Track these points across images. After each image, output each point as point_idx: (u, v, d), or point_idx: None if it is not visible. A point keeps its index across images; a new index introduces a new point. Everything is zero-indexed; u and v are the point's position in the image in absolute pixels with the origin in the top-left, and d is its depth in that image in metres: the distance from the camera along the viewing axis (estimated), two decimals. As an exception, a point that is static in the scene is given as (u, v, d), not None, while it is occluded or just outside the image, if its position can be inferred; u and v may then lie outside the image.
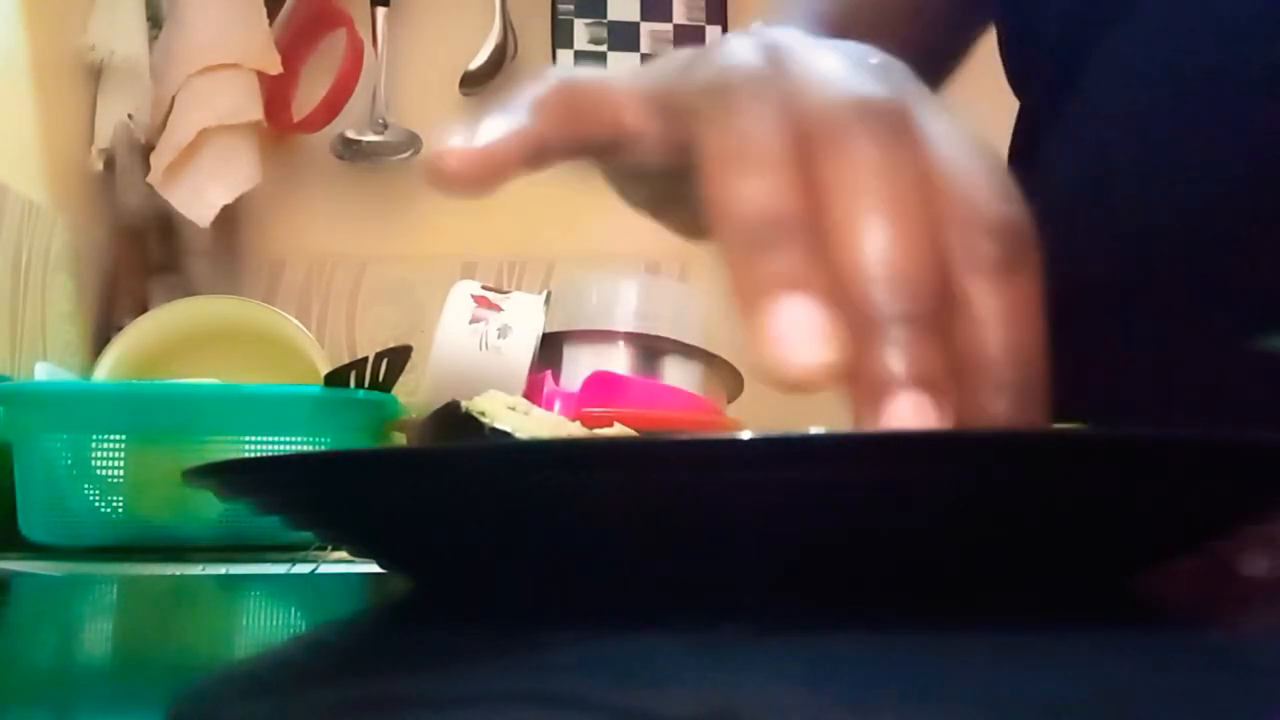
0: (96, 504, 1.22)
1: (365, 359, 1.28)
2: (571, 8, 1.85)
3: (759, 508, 0.32)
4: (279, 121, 1.76)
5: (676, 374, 1.42)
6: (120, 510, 1.22)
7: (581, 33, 1.85)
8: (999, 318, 0.36)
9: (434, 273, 1.77)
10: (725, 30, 1.83)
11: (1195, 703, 0.23)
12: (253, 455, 1.17)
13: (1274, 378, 0.52)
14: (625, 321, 1.43)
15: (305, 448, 1.22)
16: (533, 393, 1.29)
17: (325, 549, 0.99)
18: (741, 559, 0.34)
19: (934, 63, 0.71)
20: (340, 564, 1.02)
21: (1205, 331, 0.56)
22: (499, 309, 1.36)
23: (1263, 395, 0.53)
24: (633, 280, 1.52)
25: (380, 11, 1.80)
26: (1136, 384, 0.58)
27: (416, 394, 1.37)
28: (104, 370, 1.50)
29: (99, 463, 1.22)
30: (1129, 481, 0.33)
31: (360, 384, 1.27)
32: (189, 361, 1.51)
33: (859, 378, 0.35)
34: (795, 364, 0.35)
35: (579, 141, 0.46)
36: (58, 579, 0.89)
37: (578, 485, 0.33)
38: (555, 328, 1.42)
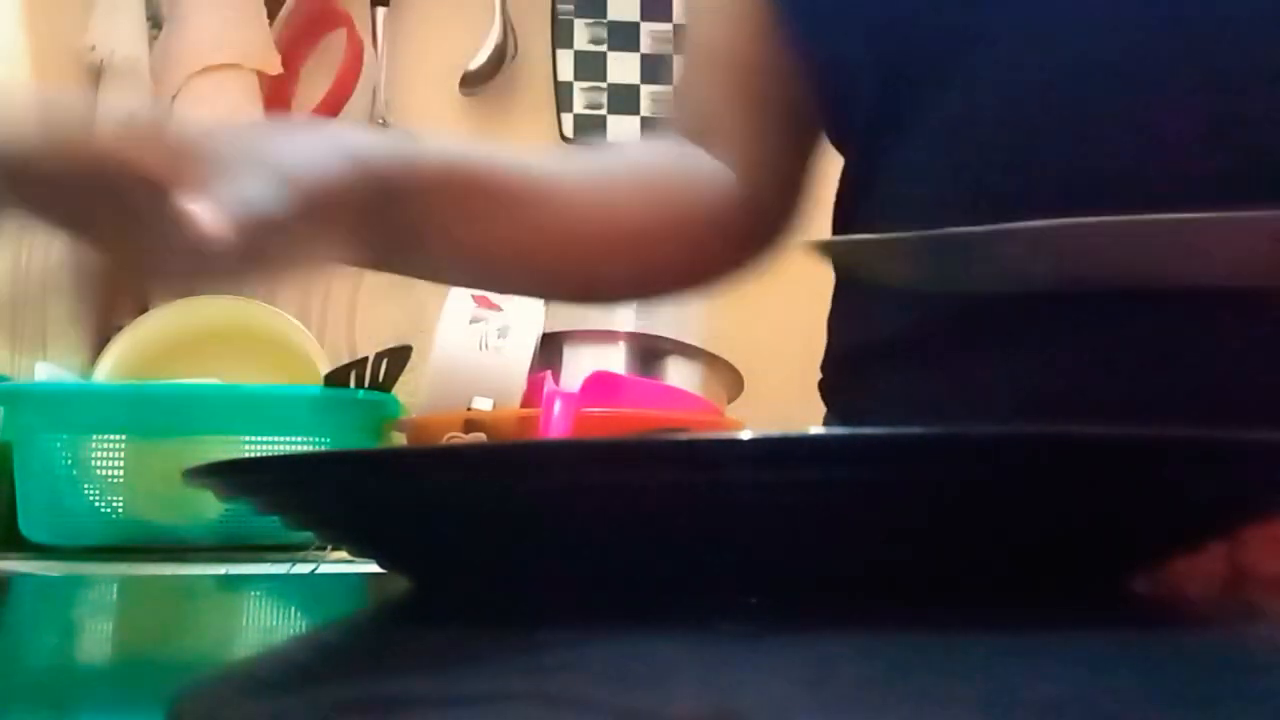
0: (96, 504, 1.22)
1: (365, 359, 1.28)
2: (571, 8, 1.85)
3: (759, 508, 0.32)
4: (279, 121, 1.76)
5: (676, 374, 1.42)
6: (120, 510, 1.22)
7: (581, 33, 1.85)
8: None
9: (434, 273, 1.77)
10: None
11: (1195, 703, 0.23)
12: (253, 455, 1.17)
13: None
14: (625, 321, 1.43)
15: (305, 448, 1.22)
16: (533, 392, 1.29)
17: (325, 549, 0.99)
18: (741, 559, 0.34)
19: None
20: (340, 564, 1.02)
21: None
22: (499, 309, 1.35)
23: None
24: (633, 280, 1.52)
25: (380, 11, 1.80)
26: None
27: (416, 394, 1.37)
28: (104, 370, 1.50)
29: (99, 463, 1.22)
30: (1129, 481, 0.33)
31: (360, 384, 1.27)
32: (189, 361, 1.50)
33: None
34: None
35: None
36: (58, 579, 0.89)
37: (577, 485, 0.33)
38: (555, 328, 1.42)
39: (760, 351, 1.45)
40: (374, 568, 0.43)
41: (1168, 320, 0.54)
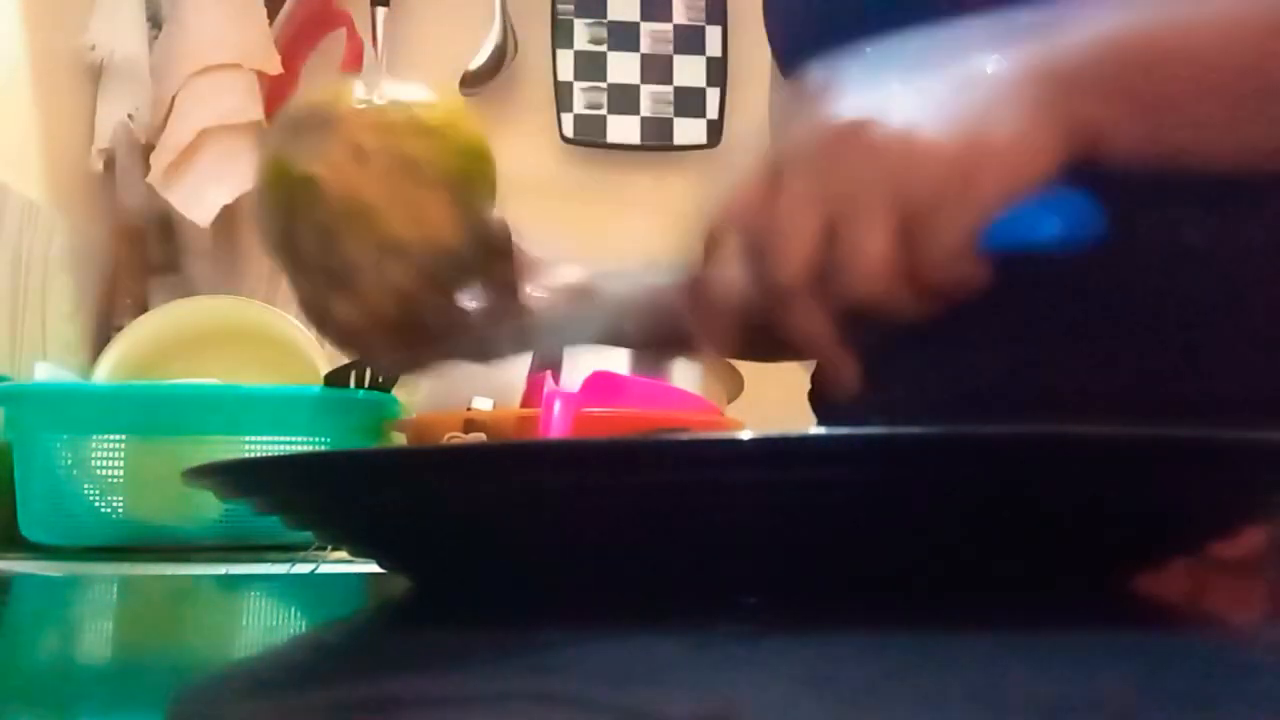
0: (96, 504, 1.22)
1: (365, 359, 1.27)
2: (571, 8, 1.85)
3: (759, 508, 0.32)
4: (279, 121, 1.76)
5: (676, 374, 1.42)
6: (120, 510, 1.21)
7: (581, 33, 1.85)
8: None
9: (434, 273, 1.77)
10: (725, 31, 1.83)
11: (1195, 703, 0.23)
12: (253, 455, 1.17)
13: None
14: (625, 321, 1.43)
15: (305, 448, 1.22)
16: (533, 392, 1.29)
17: (325, 549, 0.98)
18: (740, 559, 0.34)
19: None
20: (340, 564, 1.01)
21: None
22: (499, 309, 1.35)
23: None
24: (633, 280, 1.52)
25: (380, 11, 1.79)
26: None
27: (416, 394, 1.36)
28: (104, 370, 1.50)
29: (99, 463, 1.22)
30: (1129, 482, 0.33)
31: (360, 384, 1.27)
32: (189, 361, 1.50)
33: None
34: None
35: None
36: (58, 579, 0.89)
37: (577, 485, 0.33)
38: (555, 328, 1.42)
39: (760, 351, 1.45)
40: (374, 568, 0.43)
41: (1154, 328, 0.55)
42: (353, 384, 1.27)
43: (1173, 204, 0.55)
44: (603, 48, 1.86)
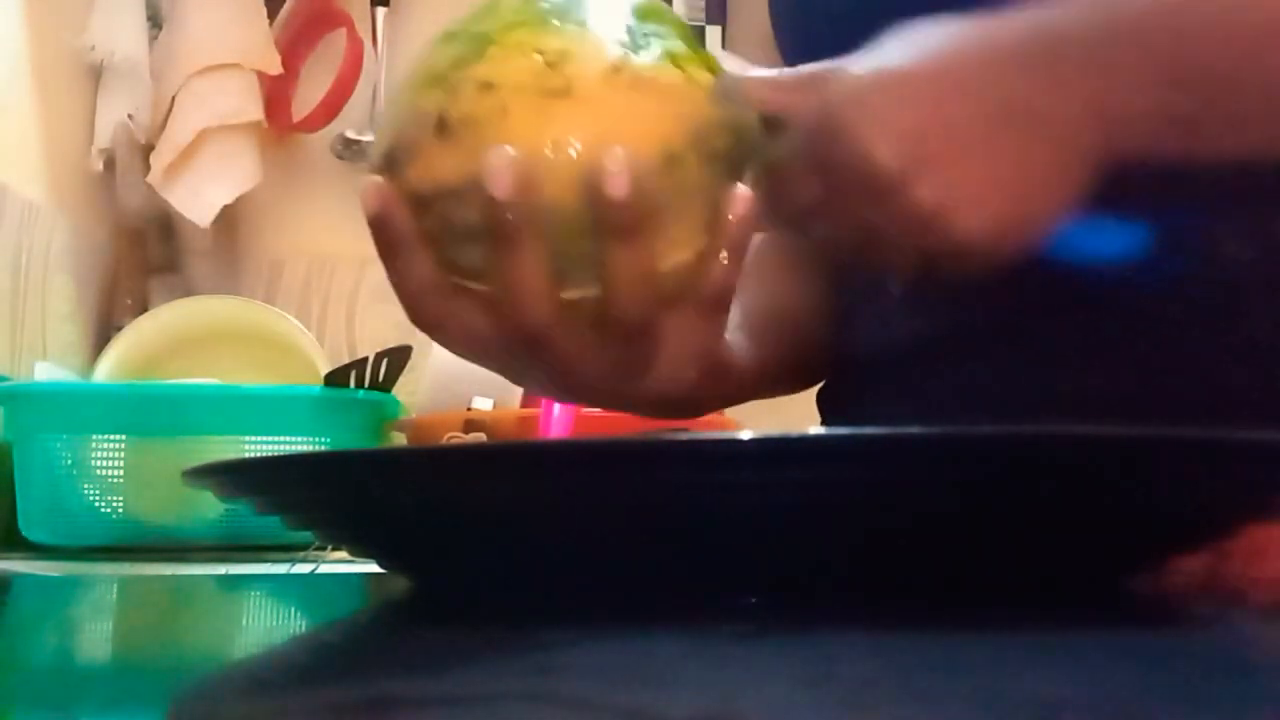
0: (96, 504, 1.22)
1: (365, 359, 1.28)
2: (571, 8, 1.85)
3: (759, 507, 0.32)
4: (279, 121, 1.76)
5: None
6: (120, 510, 1.22)
7: (581, 33, 1.85)
8: None
9: (434, 273, 1.77)
10: (725, 30, 1.83)
11: (1195, 703, 0.23)
12: (253, 455, 1.17)
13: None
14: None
15: (305, 448, 1.22)
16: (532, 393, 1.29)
17: (325, 549, 0.99)
18: (741, 559, 0.34)
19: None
20: (340, 564, 1.02)
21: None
22: (499, 309, 1.35)
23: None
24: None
25: (380, 11, 1.80)
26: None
27: (416, 394, 1.37)
28: (104, 370, 1.50)
29: (99, 463, 1.22)
30: (1129, 481, 0.33)
31: (360, 384, 1.27)
32: (189, 361, 1.51)
33: None
34: None
35: None
36: (58, 579, 0.89)
37: (577, 485, 0.33)
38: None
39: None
40: (374, 568, 0.43)
41: (1162, 327, 0.55)
42: (353, 384, 1.27)
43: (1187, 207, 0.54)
44: (603, 48, 1.86)
